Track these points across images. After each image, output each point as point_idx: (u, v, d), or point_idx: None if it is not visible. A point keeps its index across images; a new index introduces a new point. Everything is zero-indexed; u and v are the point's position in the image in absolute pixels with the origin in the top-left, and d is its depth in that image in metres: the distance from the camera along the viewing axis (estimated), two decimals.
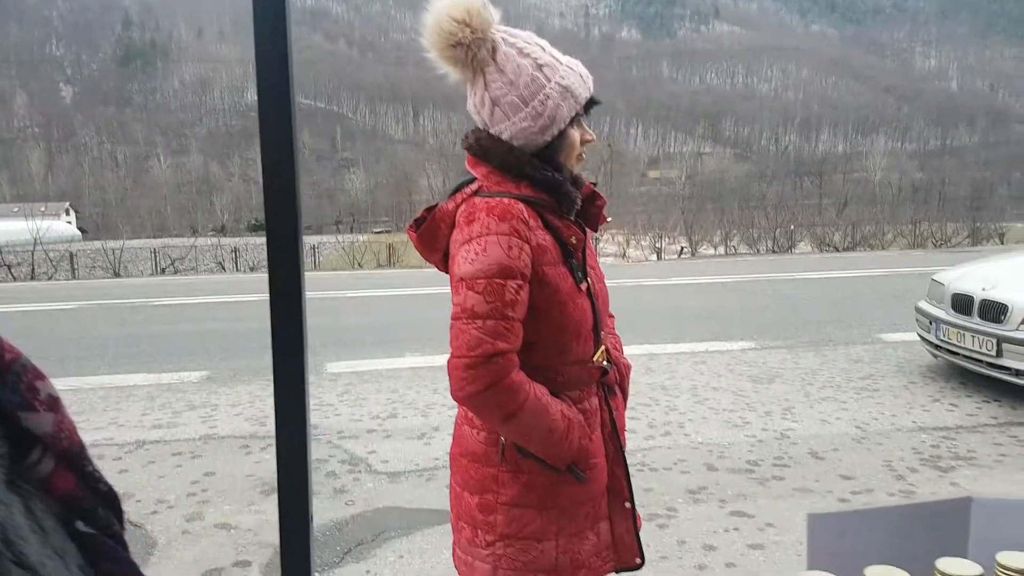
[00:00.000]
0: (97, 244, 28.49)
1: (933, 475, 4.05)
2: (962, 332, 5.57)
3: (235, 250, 24.97)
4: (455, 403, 1.47)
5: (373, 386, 6.18)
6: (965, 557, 0.67)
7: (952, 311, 5.76)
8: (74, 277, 21.50)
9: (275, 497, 3.84)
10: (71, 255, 22.72)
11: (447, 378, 1.41)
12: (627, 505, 1.57)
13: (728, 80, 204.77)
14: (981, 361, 5.44)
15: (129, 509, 3.76)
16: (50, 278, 21.15)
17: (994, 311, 5.36)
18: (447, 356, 1.41)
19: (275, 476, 3.83)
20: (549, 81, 1.41)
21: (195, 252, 24.53)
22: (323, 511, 3.69)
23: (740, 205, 38.27)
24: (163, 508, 3.78)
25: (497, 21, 1.44)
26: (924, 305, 6.26)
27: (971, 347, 5.48)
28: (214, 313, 11.13)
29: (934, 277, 6.37)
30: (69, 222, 75.63)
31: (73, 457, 0.51)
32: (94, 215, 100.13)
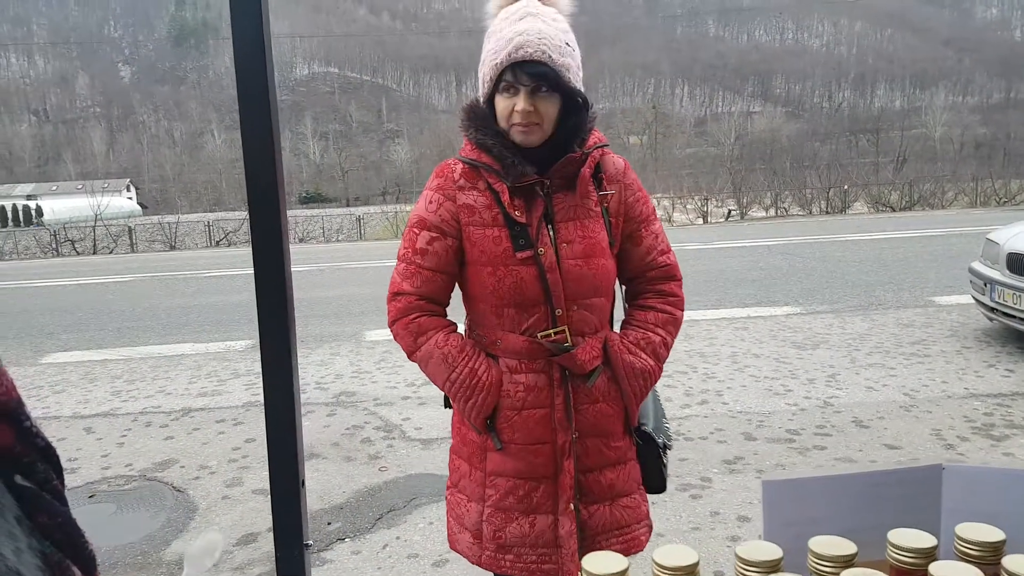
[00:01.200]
0: (155, 218, 29.35)
1: (985, 444, 3.90)
2: (1018, 293, 5.32)
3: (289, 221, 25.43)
4: None
5: None
6: (937, 527, 0.63)
7: (1008, 271, 5.50)
8: (133, 251, 22.21)
9: (314, 463, 3.90)
10: (130, 229, 23.48)
11: None
12: (571, 507, 1.48)
13: (777, 36, 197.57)
14: None
15: (173, 475, 3.89)
16: (111, 252, 21.90)
17: None
18: None
19: (314, 442, 3.86)
20: (487, 44, 1.45)
21: (248, 225, 25.01)
22: (358, 477, 3.76)
23: (792, 165, 37.23)
24: (205, 474, 3.89)
25: None
26: (978, 266, 5.99)
27: None
28: None
29: (988, 236, 6.08)
30: (130, 198, 78.11)
31: (11, 412, 0.51)
32: (153, 191, 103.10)
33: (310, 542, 1.24)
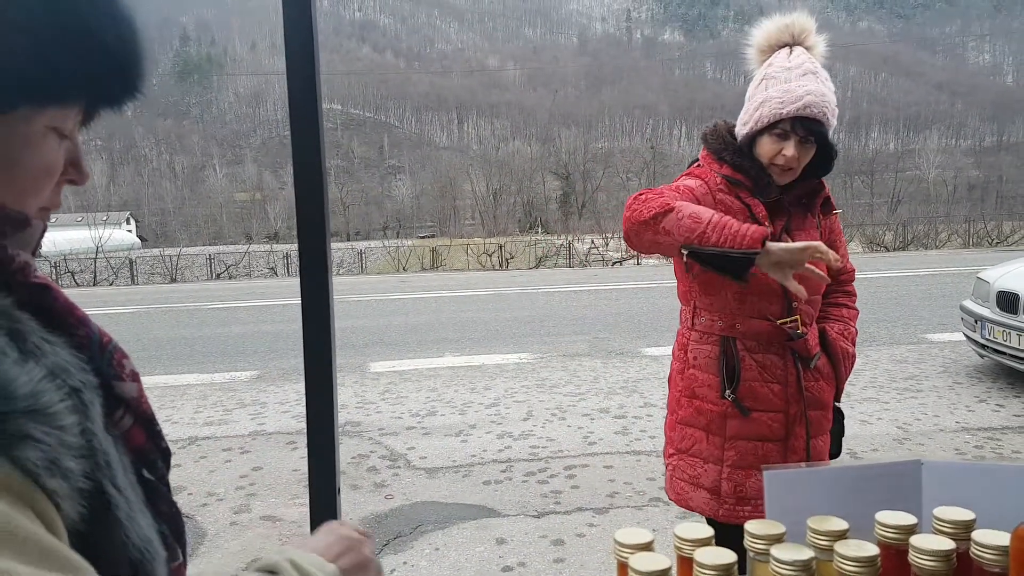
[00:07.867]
0: (156, 251, 29.50)
1: None
2: (1008, 331, 5.45)
3: (287, 255, 25.55)
4: (492, 402, 1.66)
5: (413, 385, 6.33)
6: (919, 515, 0.73)
7: (998, 309, 5.64)
8: (134, 283, 22.30)
9: None
10: (131, 262, 23.56)
11: (487, 376, 1.56)
12: (803, 466, 1.69)
13: None
14: None
15: (181, 502, 3.95)
16: (111, 284, 21.97)
17: None
18: (485, 357, 1.60)
19: None
20: (766, 91, 1.67)
21: (249, 258, 25.20)
22: (364, 504, 3.83)
23: None
24: (213, 501, 3.96)
25: (807, 44, 1.71)
26: (969, 304, 6.13)
27: (1018, 346, 5.36)
28: (265, 315, 11.46)
29: (979, 275, 6.24)
30: (129, 230, 78.32)
31: (147, 419, 0.65)
32: (153, 223, 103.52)
33: (340, 487, 1.36)
